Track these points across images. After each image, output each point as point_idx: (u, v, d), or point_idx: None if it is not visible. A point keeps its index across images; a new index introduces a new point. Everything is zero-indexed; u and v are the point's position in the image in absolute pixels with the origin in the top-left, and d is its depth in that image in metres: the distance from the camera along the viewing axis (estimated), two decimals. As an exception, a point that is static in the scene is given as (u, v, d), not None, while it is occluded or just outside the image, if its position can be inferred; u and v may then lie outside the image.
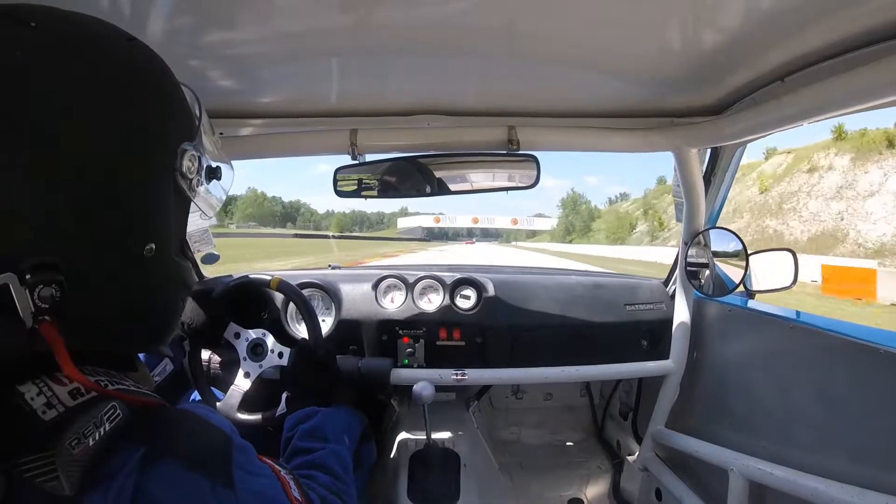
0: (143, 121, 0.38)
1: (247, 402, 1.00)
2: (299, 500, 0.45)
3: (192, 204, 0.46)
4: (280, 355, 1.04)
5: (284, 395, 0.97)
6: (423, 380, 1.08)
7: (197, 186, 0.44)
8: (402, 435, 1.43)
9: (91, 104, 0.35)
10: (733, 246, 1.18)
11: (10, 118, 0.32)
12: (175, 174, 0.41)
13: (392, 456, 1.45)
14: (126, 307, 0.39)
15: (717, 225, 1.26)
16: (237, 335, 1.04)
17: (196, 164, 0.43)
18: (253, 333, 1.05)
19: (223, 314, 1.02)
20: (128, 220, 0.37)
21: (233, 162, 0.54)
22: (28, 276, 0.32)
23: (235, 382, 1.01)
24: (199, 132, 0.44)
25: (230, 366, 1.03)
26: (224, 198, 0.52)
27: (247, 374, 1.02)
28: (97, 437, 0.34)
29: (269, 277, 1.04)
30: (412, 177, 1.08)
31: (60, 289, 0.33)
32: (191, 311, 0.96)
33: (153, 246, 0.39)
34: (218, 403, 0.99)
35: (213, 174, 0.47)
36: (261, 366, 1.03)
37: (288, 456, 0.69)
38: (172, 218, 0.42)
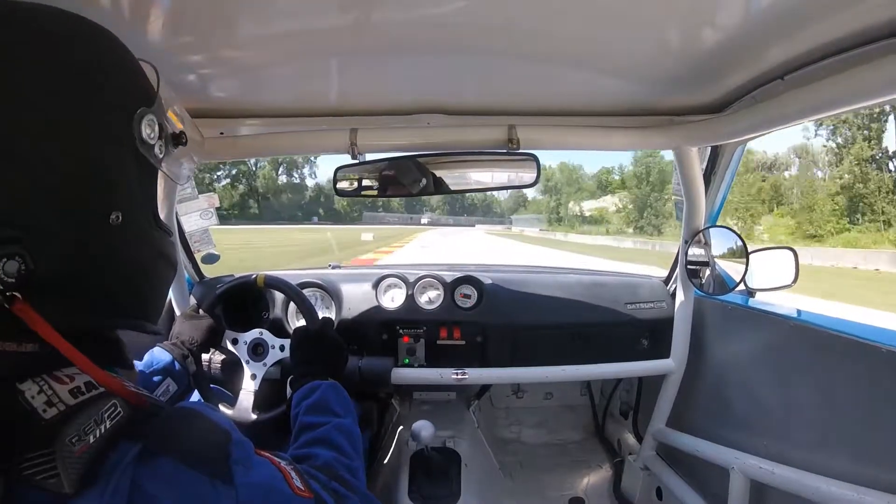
0: (90, 88, 0.38)
1: (259, 403, 1.00)
2: (301, 488, 0.45)
3: (160, 172, 0.46)
4: (282, 348, 1.04)
5: (288, 381, 0.96)
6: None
7: (160, 153, 0.44)
8: (403, 434, 1.44)
9: (35, 75, 0.35)
10: (733, 244, 1.18)
11: None
12: (135, 141, 0.41)
13: (392, 455, 1.45)
14: (98, 278, 0.39)
15: (718, 223, 1.26)
16: (235, 341, 1.05)
17: (156, 131, 0.43)
18: (250, 335, 1.05)
19: (218, 324, 1.02)
20: (85, 188, 0.37)
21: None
22: None
23: (244, 387, 1.01)
24: (158, 100, 0.44)
25: (232, 367, 1.03)
26: (193, 165, 0.52)
27: (253, 376, 1.02)
28: (97, 435, 0.34)
29: (254, 276, 1.04)
30: (412, 176, 1.08)
31: (24, 262, 0.33)
32: (188, 328, 0.95)
33: (119, 214, 0.39)
34: (230, 412, 0.99)
35: (178, 140, 0.47)
36: (265, 364, 1.03)
37: (296, 434, 0.68)
38: (136, 186, 0.42)
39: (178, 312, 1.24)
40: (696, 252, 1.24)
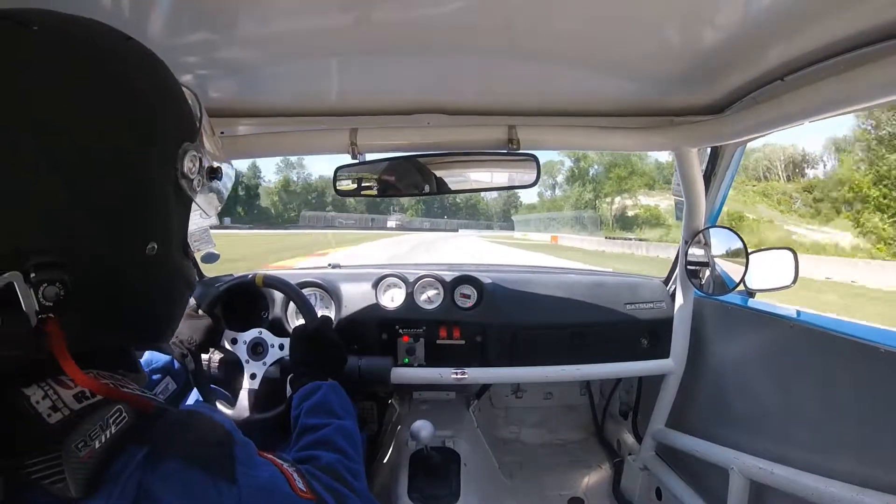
0: (144, 121, 0.39)
1: (258, 402, 1.00)
2: (303, 490, 0.45)
3: (194, 204, 0.46)
4: (281, 347, 1.04)
5: (288, 380, 0.96)
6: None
7: (198, 187, 0.45)
8: (402, 434, 1.44)
9: (92, 104, 0.35)
10: (733, 245, 1.18)
11: (13, 118, 0.32)
12: (176, 174, 0.41)
13: (392, 455, 1.45)
14: (129, 305, 0.40)
15: (718, 224, 1.26)
16: (234, 340, 1.04)
17: (197, 165, 0.43)
18: (250, 335, 1.05)
19: (217, 324, 1.01)
20: (130, 219, 0.38)
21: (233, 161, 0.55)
22: (33, 275, 0.32)
23: (244, 386, 1.01)
24: (201, 133, 0.45)
25: (231, 367, 1.03)
26: (225, 197, 0.53)
27: (252, 376, 1.02)
28: (103, 440, 0.34)
29: (253, 275, 1.03)
30: (412, 176, 1.08)
31: (64, 287, 0.33)
32: (187, 327, 0.95)
33: (155, 245, 0.39)
34: (229, 411, 0.98)
35: (214, 174, 0.48)
36: (264, 363, 1.03)
37: (297, 435, 0.67)
38: (174, 217, 0.43)
39: None
40: (695, 252, 1.24)
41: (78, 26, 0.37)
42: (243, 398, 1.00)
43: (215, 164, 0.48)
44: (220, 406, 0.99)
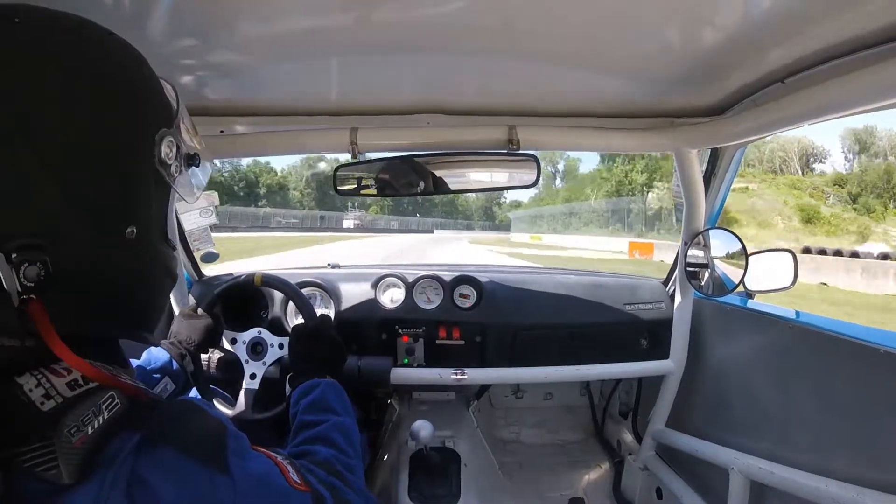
0: (122, 109, 0.40)
1: (258, 402, 1.00)
2: (298, 482, 0.45)
3: (172, 190, 0.48)
4: (281, 346, 1.04)
5: (288, 378, 0.96)
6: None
7: (175, 173, 0.46)
8: (402, 434, 1.44)
9: (72, 93, 0.36)
10: (733, 246, 1.18)
11: None
12: (154, 160, 0.42)
13: (392, 455, 1.45)
14: (109, 288, 0.40)
15: (717, 225, 1.27)
16: (234, 340, 1.04)
17: (174, 151, 0.45)
18: (249, 335, 1.05)
19: (217, 324, 1.01)
20: (109, 202, 0.39)
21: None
22: (14, 256, 0.33)
23: (244, 386, 1.01)
24: (178, 122, 0.46)
25: (231, 367, 1.03)
26: (203, 184, 0.54)
27: (252, 376, 1.02)
28: (96, 426, 0.35)
29: (251, 275, 1.03)
30: (411, 176, 1.08)
31: (45, 268, 0.34)
32: (186, 328, 0.94)
33: (134, 229, 0.40)
34: (229, 411, 0.98)
35: (192, 161, 0.49)
36: (264, 363, 1.03)
37: (294, 431, 0.68)
38: (153, 203, 0.44)
39: (176, 311, 1.24)
40: (695, 254, 1.24)
41: (60, 20, 0.38)
42: (243, 398, 1.00)
43: (192, 152, 0.49)
44: (219, 406, 0.99)
